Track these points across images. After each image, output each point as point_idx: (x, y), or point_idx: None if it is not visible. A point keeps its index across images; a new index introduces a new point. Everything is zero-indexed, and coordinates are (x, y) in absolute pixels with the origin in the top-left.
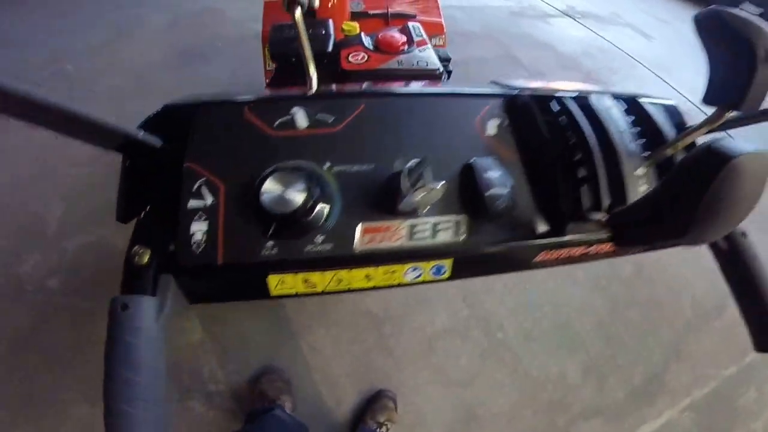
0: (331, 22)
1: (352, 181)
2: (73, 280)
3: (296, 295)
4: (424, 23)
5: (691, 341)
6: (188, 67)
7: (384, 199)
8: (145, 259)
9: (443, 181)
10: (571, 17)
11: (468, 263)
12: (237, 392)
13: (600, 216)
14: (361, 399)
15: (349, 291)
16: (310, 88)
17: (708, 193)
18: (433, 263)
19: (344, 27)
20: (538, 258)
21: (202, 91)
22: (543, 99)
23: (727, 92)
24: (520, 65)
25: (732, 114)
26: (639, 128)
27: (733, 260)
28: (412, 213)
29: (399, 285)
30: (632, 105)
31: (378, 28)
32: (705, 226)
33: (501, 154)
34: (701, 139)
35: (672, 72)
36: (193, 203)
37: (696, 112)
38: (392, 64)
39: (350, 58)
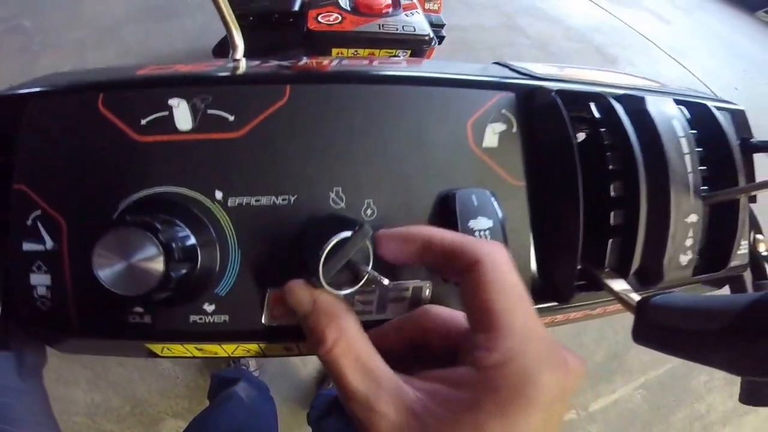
0: None
1: (258, 223)
2: None
3: (195, 357)
4: None
5: None
6: (155, 20)
7: (309, 255)
8: None
9: (387, 281)
10: None
11: None
12: None
13: (623, 286)
14: None
15: (266, 356)
16: (234, 55)
17: None
18: None
19: None
20: None
21: (168, 44)
22: (579, 98)
23: None
24: (523, 35)
25: None
26: (702, 149)
27: None
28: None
29: None
30: (700, 114)
31: None
32: None
33: (499, 180)
34: None
35: (685, 54)
36: (28, 246)
37: (707, 91)
38: (371, 26)
39: (320, 18)
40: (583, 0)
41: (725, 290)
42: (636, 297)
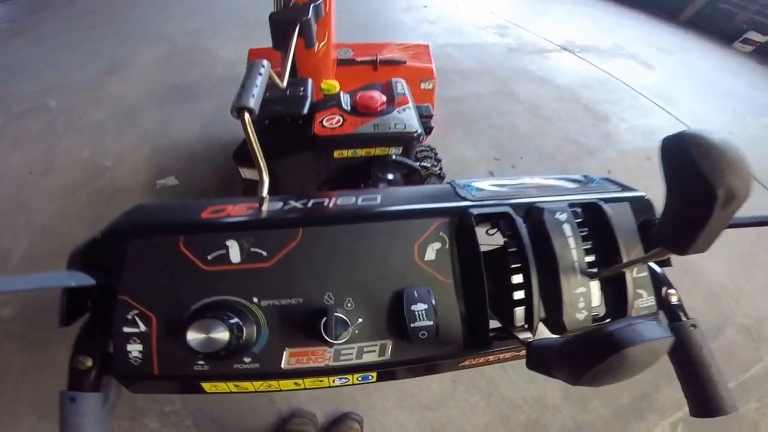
0: (310, 82)
1: (280, 313)
2: (28, 311)
3: (231, 393)
4: (414, 69)
5: None
6: (174, 105)
7: (311, 328)
8: (88, 365)
9: (361, 319)
10: (570, 51)
11: (393, 374)
12: (193, 411)
13: (527, 336)
14: (326, 421)
15: (281, 391)
16: (261, 193)
17: (595, 369)
18: (358, 375)
19: (323, 86)
20: (464, 364)
21: (185, 129)
22: (490, 218)
23: (677, 235)
24: (516, 100)
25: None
26: (592, 241)
27: (682, 349)
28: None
29: (328, 387)
30: (593, 213)
31: (366, 75)
32: (592, 384)
33: (435, 280)
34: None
35: (674, 101)
36: (127, 329)
37: None
38: (367, 128)
39: (324, 122)
40: (568, 56)
41: None
42: (530, 340)
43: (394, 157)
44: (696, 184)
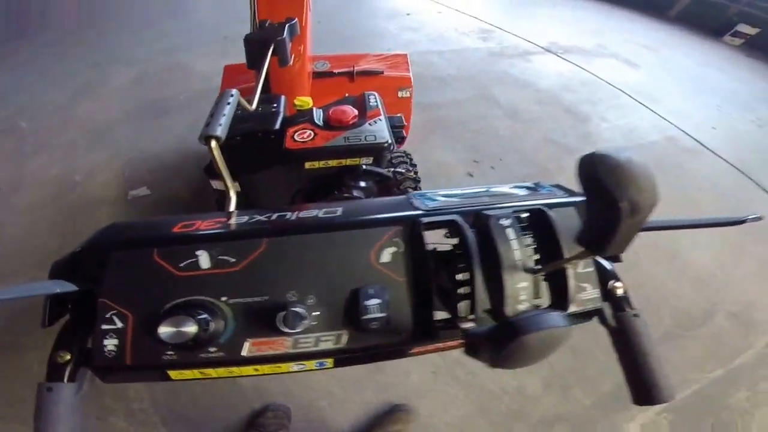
0: (283, 98)
1: (247, 310)
2: None
3: (195, 379)
4: (391, 78)
5: (671, 350)
6: (147, 121)
7: (273, 321)
8: (66, 359)
9: (318, 312)
10: (553, 53)
11: (347, 360)
12: (161, 408)
13: (471, 326)
14: (371, 417)
15: (241, 377)
16: (228, 208)
17: (504, 352)
18: (315, 361)
19: (296, 102)
20: (413, 351)
21: (158, 144)
22: (439, 226)
23: (595, 239)
24: (496, 104)
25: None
26: (537, 243)
27: (623, 337)
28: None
29: (287, 372)
30: (538, 218)
31: (343, 86)
32: (505, 366)
33: (390, 279)
34: None
35: (656, 99)
36: (105, 327)
37: (682, 136)
38: (338, 141)
39: (296, 137)
40: (551, 57)
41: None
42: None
43: (364, 166)
44: (604, 197)
